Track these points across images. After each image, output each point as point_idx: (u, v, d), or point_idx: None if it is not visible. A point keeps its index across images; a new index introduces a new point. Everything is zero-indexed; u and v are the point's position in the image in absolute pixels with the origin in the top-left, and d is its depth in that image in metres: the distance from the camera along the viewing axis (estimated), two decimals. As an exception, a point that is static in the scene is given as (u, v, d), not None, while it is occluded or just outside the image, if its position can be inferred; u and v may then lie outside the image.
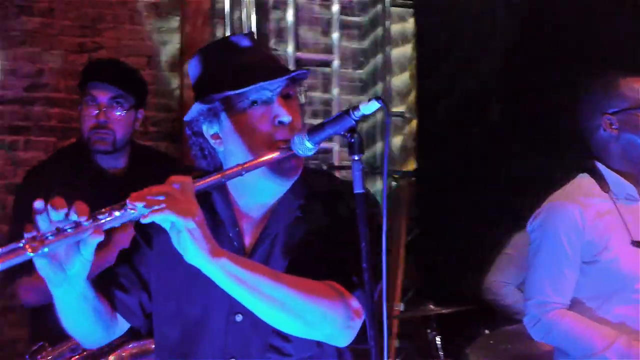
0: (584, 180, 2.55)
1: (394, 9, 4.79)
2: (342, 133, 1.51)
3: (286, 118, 1.65)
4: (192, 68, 1.76)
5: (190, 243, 1.46)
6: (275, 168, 1.64)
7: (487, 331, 3.49)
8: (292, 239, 1.70)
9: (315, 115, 4.67)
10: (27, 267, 2.26)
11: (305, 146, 1.55)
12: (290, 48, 4.52)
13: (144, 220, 1.46)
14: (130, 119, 2.68)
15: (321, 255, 1.66)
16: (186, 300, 1.73)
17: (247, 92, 1.65)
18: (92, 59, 3.64)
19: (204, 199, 1.66)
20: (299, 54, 4.57)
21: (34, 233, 1.42)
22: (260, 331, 1.66)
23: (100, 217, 1.44)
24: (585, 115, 2.54)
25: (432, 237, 4.58)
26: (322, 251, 1.67)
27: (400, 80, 4.83)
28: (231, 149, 1.71)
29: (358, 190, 1.49)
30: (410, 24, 4.79)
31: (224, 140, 1.72)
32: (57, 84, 4.07)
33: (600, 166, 2.52)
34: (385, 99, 1.62)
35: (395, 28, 4.83)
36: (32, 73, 4.05)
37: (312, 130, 1.54)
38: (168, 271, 1.71)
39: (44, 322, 2.50)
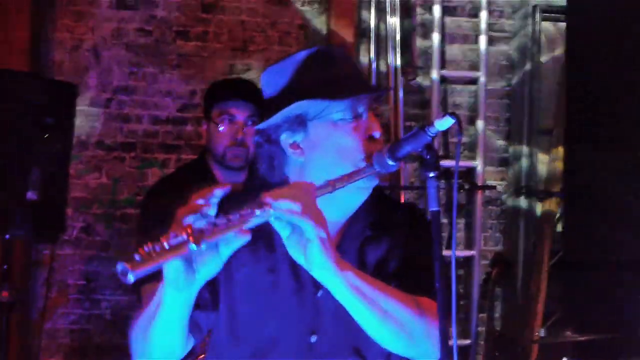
0: None
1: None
2: (419, 150, 1.49)
3: (377, 133, 1.65)
4: (274, 76, 1.70)
5: (320, 253, 1.43)
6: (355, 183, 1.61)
7: None
8: (365, 258, 1.67)
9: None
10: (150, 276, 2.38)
11: (386, 163, 1.52)
12: (435, 65, 4.49)
13: (277, 218, 1.42)
14: None
15: (407, 271, 1.66)
16: (261, 316, 1.67)
17: (343, 104, 1.63)
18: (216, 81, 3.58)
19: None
20: (444, 71, 4.54)
21: (201, 226, 1.36)
22: (335, 351, 1.66)
23: (245, 213, 1.40)
24: None
25: (577, 262, 4.34)
26: (407, 268, 1.66)
27: (549, 94, 4.71)
28: (316, 160, 1.67)
29: (433, 208, 1.46)
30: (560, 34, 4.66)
31: (306, 150, 1.67)
32: None
33: None
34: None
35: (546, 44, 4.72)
36: (186, 94, 4.25)
37: (392, 148, 1.52)
38: (243, 288, 1.64)
39: None
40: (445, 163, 4.52)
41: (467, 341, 4.48)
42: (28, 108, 3.07)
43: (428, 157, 1.47)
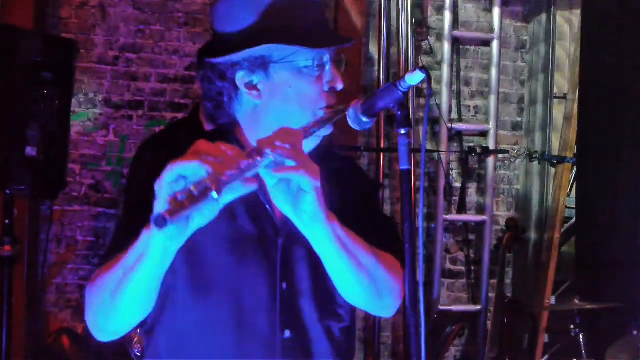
0: None
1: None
2: (392, 106, 1.46)
3: (340, 85, 1.63)
4: (235, 9, 1.62)
5: (315, 204, 1.43)
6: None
7: (635, 332, 3.37)
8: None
9: (472, 96, 4.64)
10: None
11: (360, 120, 1.50)
12: (447, 25, 4.45)
13: (276, 174, 1.39)
14: None
15: (365, 218, 1.65)
16: (227, 264, 1.63)
17: (311, 52, 1.59)
18: None
19: None
20: (456, 32, 4.50)
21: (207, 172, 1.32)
22: (302, 300, 1.66)
23: (247, 162, 1.36)
24: None
25: (589, 229, 4.35)
26: (364, 214, 1.66)
27: (564, 59, 4.65)
28: (274, 105, 1.63)
29: (403, 166, 1.45)
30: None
31: (263, 93, 1.62)
32: None
33: None
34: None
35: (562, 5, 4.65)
36: (193, 53, 4.20)
37: (365, 104, 1.50)
38: (204, 235, 1.49)
39: None
40: (458, 126, 4.57)
41: (477, 307, 4.56)
42: (26, 64, 3.11)
43: (399, 113, 1.45)
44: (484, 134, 4.57)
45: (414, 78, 1.41)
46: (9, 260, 3.17)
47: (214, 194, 1.28)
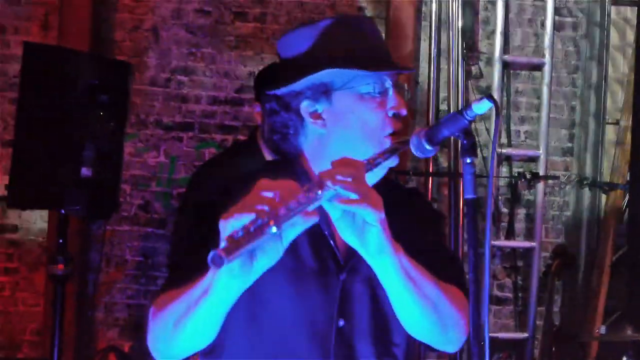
0: None
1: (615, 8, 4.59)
2: (457, 134, 1.45)
3: (404, 111, 1.62)
4: (295, 39, 1.64)
5: (381, 237, 1.42)
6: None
7: None
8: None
9: (522, 121, 4.64)
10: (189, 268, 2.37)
11: (424, 147, 1.49)
12: (497, 49, 4.46)
13: (339, 206, 1.38)
14: None
15: (430, 251, 1.63)
16: (285, 298, 1.63)
17: (371, 77, 1.60)
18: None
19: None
20: (507, 56, 4.50)
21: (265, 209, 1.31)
22: (361, 337, 1.65)
23: (314, 192, 1.36)
24: None
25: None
26: (427, 253, 1.62)
27: (617, 86, 4.65)
28: (339, 133, 1.63)
29: (468, 195, 1.45)
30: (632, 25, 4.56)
31: (328, 121, 1.63)
32: None
33: None
34: (496, 103, 1.46)
35: (615, 30, 4.65)
36: (243, 76, 4.33)
37: (429, 131, 1.48)
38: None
39: None
40: (507, 151, 4.56)
41: (525, 334, 4.49)
42: (83, 86, 3.19)
43: (465, 142, 1.44)
44: (533, 159, 4.55)
45: (481, 107, 1.41)
46: (62, 278, 3.24)
47: (273, 229, 1.27)
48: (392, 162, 1.57)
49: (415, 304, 1.52)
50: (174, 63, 4.34)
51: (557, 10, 4.53)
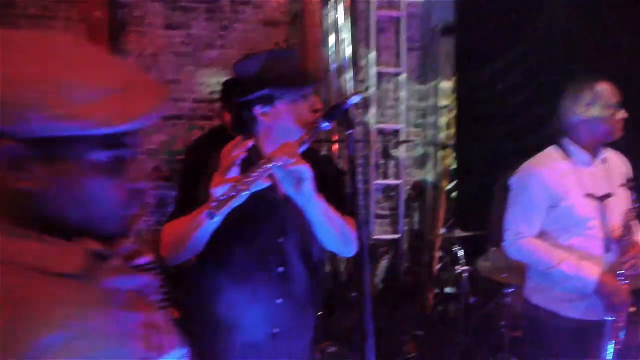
0: (552, 150, 2.46)
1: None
2: (340, 116, 1.49)
3: (319, 106, 1.69)
4: (247, 65, 1.64)
5: (309, 188, 1.48)
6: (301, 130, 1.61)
7: (493, 249, 3.49)
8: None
9: (391, 107, 4.68)
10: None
11: (325, 125, 1.52)
12: (373, 62, 4.52)
13: (286, 170, 1.44)
14: None
15: (332, 197, 1.64)
16: (244, 220, 1.62)
17: (298, 90, 1.64)
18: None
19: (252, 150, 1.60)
20: (379, 68, 4.55)
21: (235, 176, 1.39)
22: (293, 250, 1.68)
23: (267, 165, 1.40)
24: (567, 105, 2.41)
25: (464, 187, 4.58)
26: (334, 194, 1.66)
27: (446, 79, 4.70)
28: (279, 125, 1.64)
29: (351, 152, 1.46)
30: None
31: (272, 118, 1.64)
32: None
33: (568, 141, 2.41)
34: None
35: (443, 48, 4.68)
36: (213, 84, 4.36)
37: (326, 115, 1.52)
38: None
39: None
40: (380, 126, 4.68)
41: (397, 236, 4.64)
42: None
43: (346, 119, 1.49)
44: (397, 130, 4.69)
45: (355, 99, 1.50)
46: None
47: (244, 193, 1.36)
48: (312, 139, 1.61)
49: (329, 230, 1.59)
50: (169, 77, 4.30)
51: (409, 38, 4.60)
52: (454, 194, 4.66)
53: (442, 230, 4.47)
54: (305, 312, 1.73)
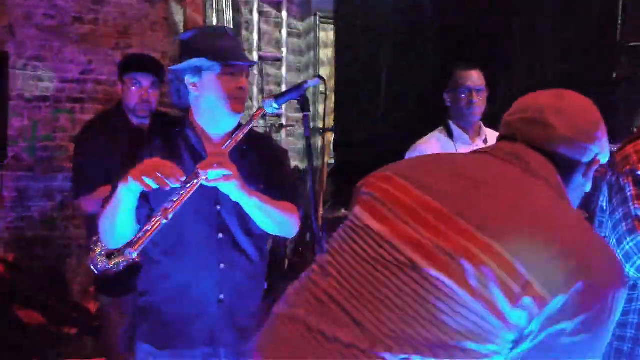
0: (436, 133, 2.51)
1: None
2: (297, 98, 1.49)
3: (244, 86, 1.64)
4: (188, 35, 1.69)
5: (236, 192, 1.49)
6: (232, 109, 1.62)
7: None
8: (244, 163, 1.62)
9: (271, 91, 4.62)
10: (85, 188, 2.28)
11: (272, 106, 1.54)
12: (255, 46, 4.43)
13: (208, 184, 1.43)
14: (158, 95, 2.52)
15: (273, 181, 1.65)
16: (189, 215, 1.60)
17: (229, 65, 1.62)
18: (127, 54, 3.31)
19: (179, 134, 1.63)
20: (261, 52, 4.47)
21: (165, 205, 1.37)
22: (235, 216, 1.64)
23: (190, 181, 1.41)
24: (447, 92, 2.48)
25: (344, 168, 4.42)
26: (273, 178, 1.66)
27: (326, 67, 4.75)
28: (206, 96, 1.64)
29: (307, 134, 1.52)
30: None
31: (199, 88, 1.64)
32: (101, 70, 3.99)
33: (451, 123, 2.48)
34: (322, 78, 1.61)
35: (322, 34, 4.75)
36: (84, 62, 3.97)
37: (278, 97, 1.54)
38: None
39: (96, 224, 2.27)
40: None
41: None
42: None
43: (303, 102, 1.50)
44: (279, 115, 4.55)
45: (314, 82, 1.51)
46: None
47: (163, 220, 1.36)
48: (249, 127, 1.59)
49: (262, 218, 1.58)
50: (29, 53, 3.79)
51: (288, 25, 4.58)
52: (333, 176, 4.48)
53: (323, 211, 4.22)
54: (250, 279, 1.68)
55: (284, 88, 4.57)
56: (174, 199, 1.38)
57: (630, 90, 3.02)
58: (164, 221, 1.35)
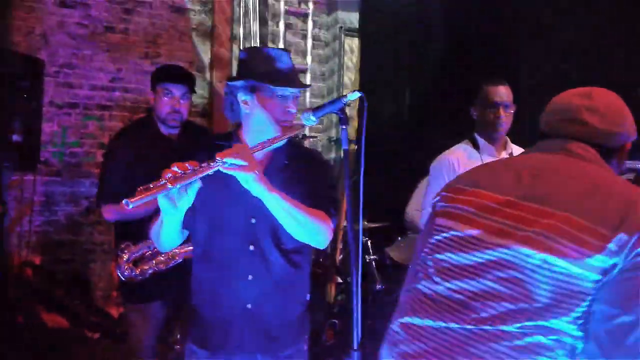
0: (463, 145, 2.51)
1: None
2: (336, 112, 1.46)
3: (293, 110, 1.67)
4: (244, 55, 1.71)
5: (253, 184, 1.48)
6: (279, 131, 1.63)
7: (399, 238, 3.48)
8: (284, 177, 1.65)
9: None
10: (109, 197, 2.31)
11: (310, 119, 1.50)
12: None
13: (225, 171, 1.42)
14: (189, 105, 2.52)
15: (309, 192, 1.66)
16: (217, 209, 1.66)
17: (277, 88, 1.64)
18: (160, 64, 3.27)
19: (224, 148, 1.55)
20: None
21: (169, 175, 1.35)
22: (268, 230, 1.66)
23: (203, 165, 1.40)
24: (474, 106, 2.50)
25: (369, 180, 4.47)
26: (309, 189, 1.67)
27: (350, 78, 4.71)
28: (256, 114, 1.67)
29: (345, 147, 1.48)
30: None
31: (250, 106, 1.67)
32: (130, 79, 4.05)
33: (477, 136, 2.48)
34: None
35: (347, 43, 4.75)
36: (114, 70, 4.02)
37: (315, 110, 1.50)
38: (208, 196, 1.61)
39: (124, 231, 2.34)
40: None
41: None
42: (10, 76, 2.89)
43: (342, 115, 1.46)
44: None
45: (353, 96, 1.44)
46: (1, 216, 2.97)
47: (169, 185, 1.32)
48: (281, 143, 1.62)
49: (288, 220, 1.57)
50: (61, 60, 3.85)
51: (314, 37, 4.61)
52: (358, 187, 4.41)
53: (345, 223, 4.19)
54: (282, 291, 1.70)
55: (308, 97, 4.57)
56: (188, 173, 1.37)
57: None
58: (169, 186, 1.33)
